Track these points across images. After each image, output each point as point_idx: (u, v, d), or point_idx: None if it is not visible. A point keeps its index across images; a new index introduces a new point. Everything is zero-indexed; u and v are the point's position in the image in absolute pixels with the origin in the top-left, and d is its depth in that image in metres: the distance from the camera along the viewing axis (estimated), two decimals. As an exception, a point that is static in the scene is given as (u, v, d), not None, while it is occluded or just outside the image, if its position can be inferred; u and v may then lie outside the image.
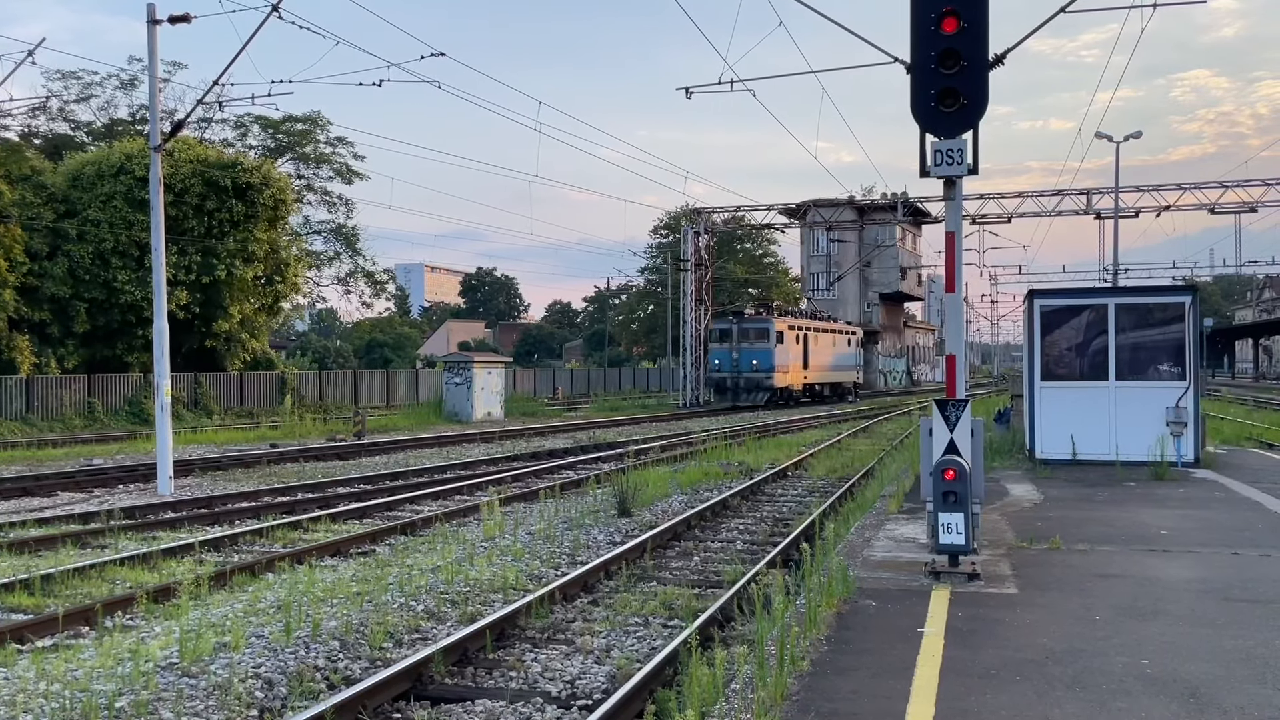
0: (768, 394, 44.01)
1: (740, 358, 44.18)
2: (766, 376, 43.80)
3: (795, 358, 46.19)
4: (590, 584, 9.68)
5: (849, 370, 54.81)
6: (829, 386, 51.70)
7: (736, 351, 44.25)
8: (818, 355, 49.32)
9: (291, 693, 6.57)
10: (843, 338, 54.05)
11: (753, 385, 44.15)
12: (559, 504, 14.84)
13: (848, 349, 54.69)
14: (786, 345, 45.12)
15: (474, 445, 26.08)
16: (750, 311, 46.77)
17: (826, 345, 50.79)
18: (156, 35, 17.19)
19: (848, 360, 54.65)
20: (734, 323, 45.17)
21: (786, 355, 45.26)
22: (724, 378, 44.72)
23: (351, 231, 57.98)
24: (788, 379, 45.52)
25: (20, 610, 8.85)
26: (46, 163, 36.90)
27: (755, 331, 44.45)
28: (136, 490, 17.17)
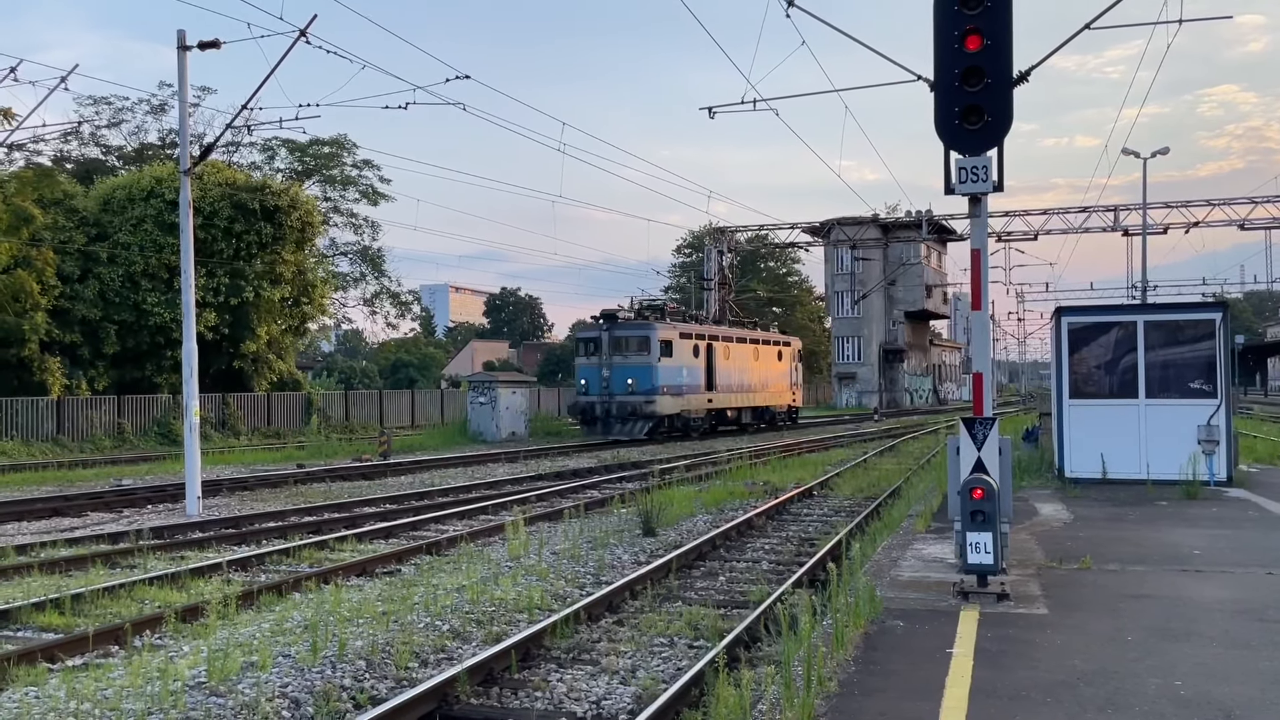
0: (648, 423, 33.72)
1: (611, 376, 33.95)
2: (646, 400, 33.43)
3: (693, 376, 36.25)
4: (615, 604, 9.65)
5: (779, 391, 44.13)
6: (749, 412, 41.47)
7: (607, 368, 33.99)
8: (731, 372, 39.35)
9: (318, 712, 6.58)
10: (769, 350, 43.62)
11: (627, 412, 33.63)
12: (584, 523, 14.82)
13: (776, 364, 44.08)
14: (678, 359, 35.17)
15: (499, 465, 26.14)
16: (625, 315, 36.10)
17: (744, 360, 40.66)
18: (186, 61, 17.46)
19: (777, 379, 44.03)
20: (603, 330, 34.68)
21: (678, 373, 35.26)
22: (591, 403, 34.23)
23: (377, 253, 58.49)
24: (682, 403, 35.46)
25: (51, 629, 8.93)
26: (78, 187, 37.51)
27: (631, 341, 34.32)
28: (165, 510, 17.31)
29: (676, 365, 35.00)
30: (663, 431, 34.89)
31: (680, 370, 35.35)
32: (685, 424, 36.19)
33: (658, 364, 33.81)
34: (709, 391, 37.48)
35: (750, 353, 41.37)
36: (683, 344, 35.61)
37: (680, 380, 35.32)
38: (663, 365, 34.07)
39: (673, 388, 34.76)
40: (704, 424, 37.61)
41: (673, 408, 34.77)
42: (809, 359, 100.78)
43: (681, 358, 35.38)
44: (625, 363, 33.97)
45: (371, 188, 55.72)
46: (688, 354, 35.91)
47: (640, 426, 33.76)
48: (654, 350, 34.00)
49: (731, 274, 51.75)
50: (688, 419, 36.16)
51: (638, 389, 33.63)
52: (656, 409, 33.64)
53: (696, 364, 36.49)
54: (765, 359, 42.81)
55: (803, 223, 52.08)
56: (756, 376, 41.61)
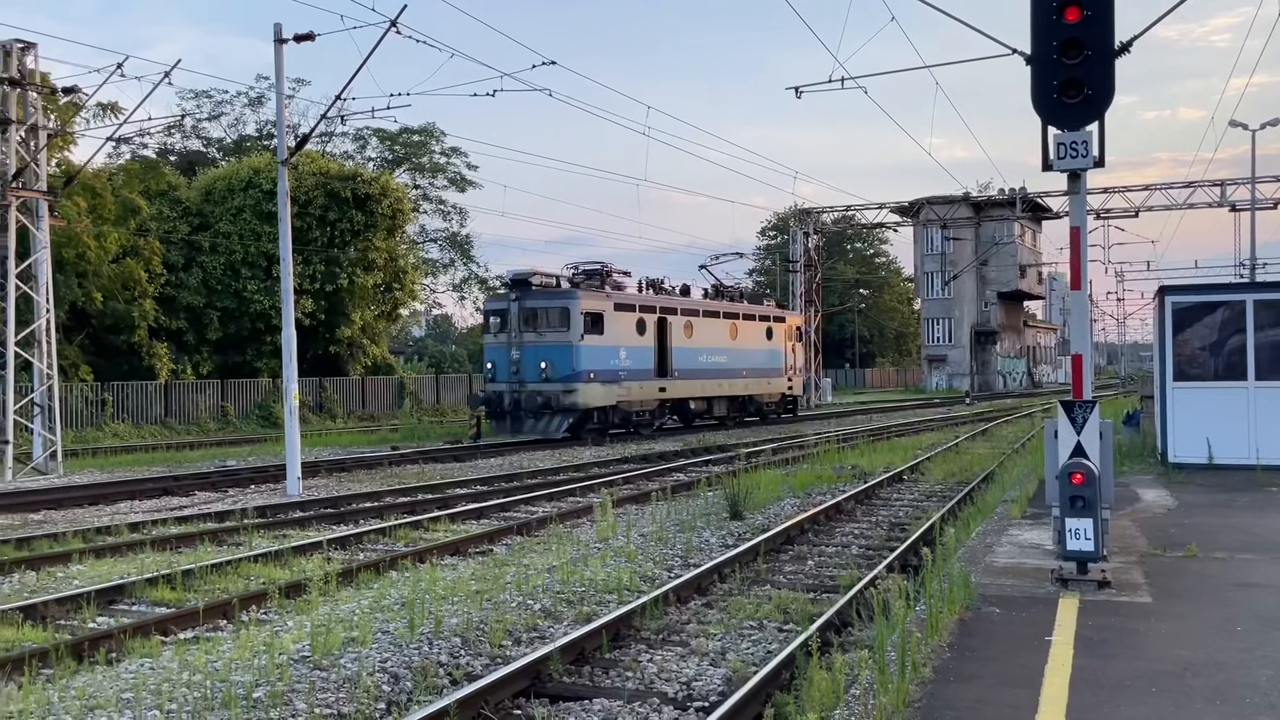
0: (567, 419, 26.45)
1: (522, 358, 26.69)
2: (565, 390, 26.07)
3: (637, 358, 28.81)
4: (704, 586, 9.68)
5: (769, 376, 35.93)
6: (724, 403, 33.69)
7: (516, 348, 26.77)
8: (697, 354, 31.62)
9: (416, 687, 6.76)
10: (753, 326, 35.24)
11: (538, 405, 26.15)
12: (670, 506, 14.88)
13: (765, 343, 35.77)
14: (612, 336, 27.73)
15: (585, 447, 26.37)
16: (544, 280, 27.80)
17: (716, 338, 32.84)
18: (283, 53, 17.94)
19: (765, 361, 35.82)
20: (511, 300, 27.19)
21: (612, 354, 27.75)
22: (499, 392, 26.87)
23: (465, 239, 59.44)
24: (619, 393, 27.86)
25: (163, 604, 9.34)
26: (181, 179, 38.92)
27: (546, 314, 26.94)
28: (267, 490, 17.93)
29: (609, 345, 27.57)
30: (592, 428, 27.56)
31: (615, 351, 27.81)
32: (625, 419, 28.72)
33: (580, 342, 26.44)
34: (662, 378, 29.95)
35: (724, 329, 33.30)
36: (619, 317, 28.14)
37: (615, 363, 27.81)
38: (588, 344, 26.71)
39: (604, 373, 27.27)
40: (654, 419, 30.24)
41: (603, 398, 27.33)
42: (897, 341, 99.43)
43: (617, 335, 27.88)
44: (539, 341, 26.65)
45: (459, 175, 56.67)
46: (627, 330, 28.39)
47: (557, 423, 26.49)
48: (575, 325, 26.52)
49: (818, 256, 51.12)
50: (628, 412, 28.63)
51: (553, 375, 26.27)
52: (578, 400, 26.24)
53: (642, 343, 29.08)
54: (748, 337, 34.73)
55: (891, 202, 51.14)
56: (735, 359, 33.67)
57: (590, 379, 26.72)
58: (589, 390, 26.72)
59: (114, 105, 28.97)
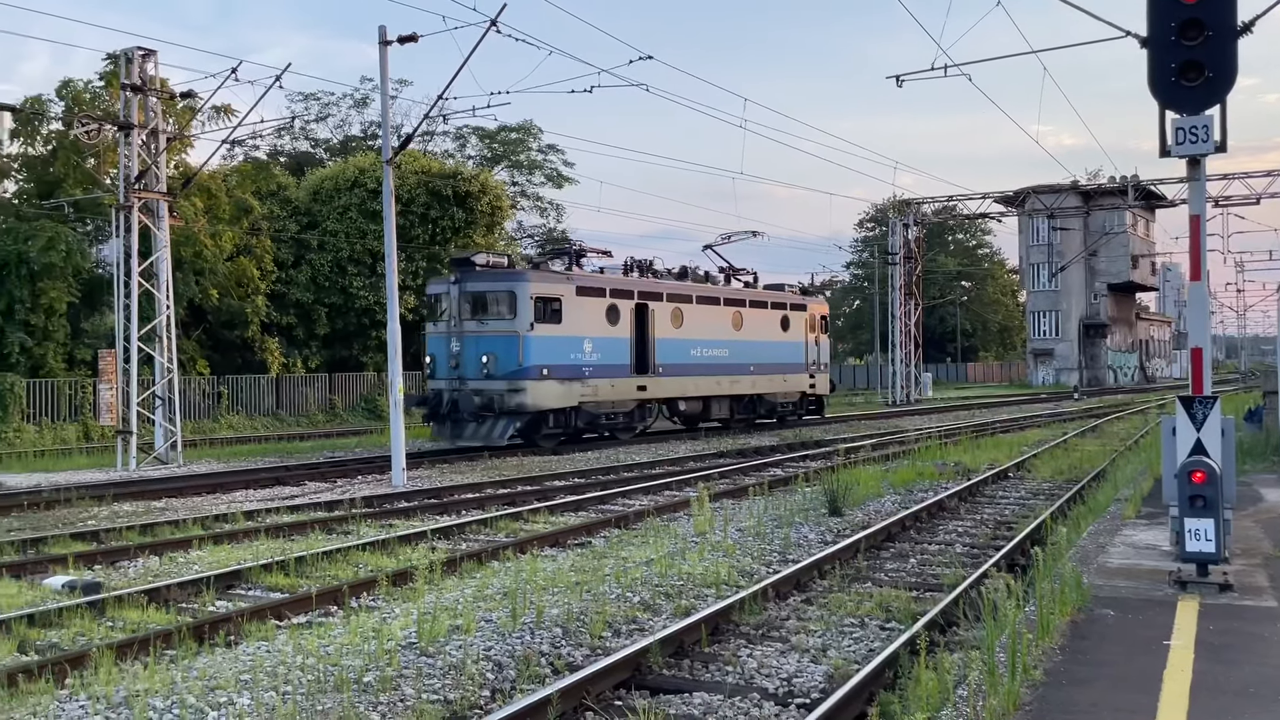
0: (513, 423, 22.63)
1: (462, 351, 23.07)
2: (510, 389, 22.39)
3: (608, 351, 24.75)
4: (803, 582, 9.60)
5: (786, 373, 31.24)
6: (726, 404, 29.19)
7: (457, 339, 23.15)
8: (689, 347, 27.43)
9: (519, 676, 6.87)
10: (764, 315, 30.58)
11: (477, 406, 22.32)
12: (768, 501, 14.79)
13: (780, 334, 31.20)
14: (573, 325, 23.79)
15: (680, 442, 26.40)
16: (489, 260, 24.35)
17: (715, 328, 28.40)
18: (387, 55, 18.40)
19: (781, 356, 31.12)
20: (453, 283, 23.47)
21: (573, 346, 23.75)
22: (438, 391, 23.39)
23: (562, 235, 60.02)
24: (583, 392, 24.01)
25: (277, 589, 9.70)
26: (291, 179, 40.28)
27: (489, 300, 23.06)
28: (373, 480, 18.45)
29: (569, 335, 23.62)
30: (550, 433, 23.70)
31: (577, 343, 23.84)
32: (592, 422, 24.76)
33: (529, 333, 22.63)
34: (641, 375, 25.81)
35: (725, 318, 28.88)
36: (583, 304, 24.16)
37: (577, 357, 23.88)
38: (540, 335, 22.88)
39: (562, 369, 23.46)
40: (631, 421, 26.04)
41: (561, 398, 23.44)
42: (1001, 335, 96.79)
43: (580, 323, 23.95)
44: (481, 332, 22.80)
45: (556, 171, 57.27)
46: (594, 318, 24.42)
47: (501, 427, 22.49)
48: (523, 312, 22.69)
49: (918, 248, 50.09)
50: (595, 415, 24.60)
51: (496, 371, 22.46)
52: (526, 401, 22.48)
53: (614, 333, 25.01)
54: (757, 327, 30.11)
55: (995, 192, 49.71)
56: (740, 353, 29.24)
57: (543, 375, 22.90)
58: (541, 389, 22.85)
59: (228, 108, 30.11)
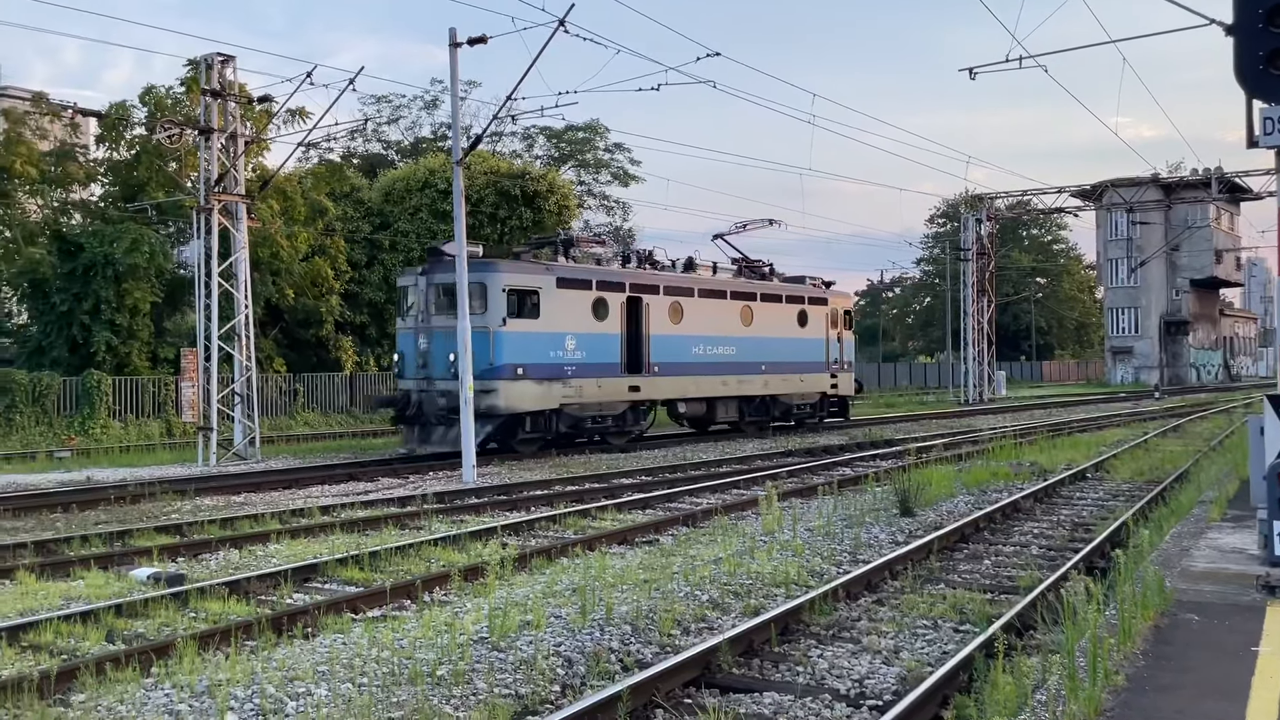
0: (484, 426, 20.31)
1: (430, 348, 21.44)
2: (480, 389, 19.83)
3: (593, 348, 22.68)
4: (874, 583, 9.49)
5: (803, 372, 28.93)
6: (736, 405, 27.03)
7: (425, 336, 21.56)
8: (688, 343, 25.30)
9: (589, 672, 6.91)
10: (778, 309, 28.33)
11: (442, 408, 20.59)
12: (837, 501, 14.66)
13: (796, 330, 28.85)
14: (552, 320, 21.92)
15: (748, 440, 26.28)
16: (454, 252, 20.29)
17: (722, 323, 26.31)
18: (457, 57, 18.61)
19: (798, 354, 28.83)
20: (420, 274, 21.97)
21: (553, 343, 21.93)
22: (406, 392, 21.70)
23: (628, 233, 60.17)
24: (565, 393, 22.12)
25: (352, 583, 9.88)
26: (363, 180, 41.03)
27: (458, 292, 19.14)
28: (444, 477, 18.70)
29: (548, 331, 21.78)
30: (527, 438, 21.81)
31: (557, 340, 21.94)
32: (577, 425, 22.72)
33: (501, 328, 20.87)
34: (634, 374, 23.81)
35: (732, 313, 26.76)
36: (564, 296, 22.20)
37: (557, 355, 21.97)
38: (514, 330, 21.08)
39: (540, 368, 21.61)
40: (623, 425, 24.05)
41: (539, 400, 21.60)
42: (1077, 332, 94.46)
43: (560, 318, 22.06)
44: (449, 327, 20.27)
45: (623, 170, 57.39)
46: (578, 312, 22.28)
47: None
48: (494, 305, 20.93)
49: (991, 243, 49.15)
50: (579, 418, 22.55)
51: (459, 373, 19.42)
52: (498, 403, 20.73)
53: (601, 329, 22.93)
54: (770, 322, 27.80)
55: (1071, 186, 48.52)
56: (750, 350, 27.03)
57: (517, 375, 21.11)
58: (515, 390, 21.05)
59: (302, 111, 30.79)
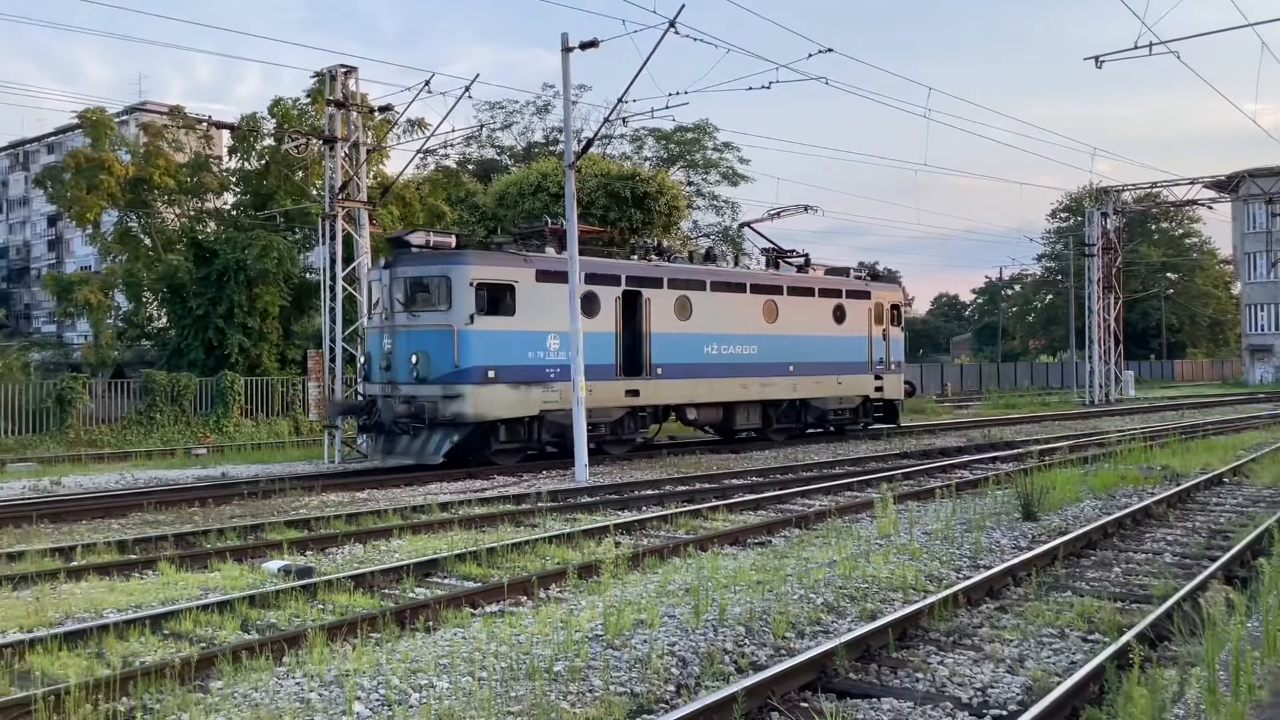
0: (449, 438, 18.96)
1: (394, 349, 19.63)
2: (445, 394, 18.84)
3: (586, 348, 19.14)
4: (996, 589, 9.21)
5: (838, 373, 26.32)
6: (760, 409, 24.70)
7: (389, 335, 19.75)
8: (699, 341, 23.01)
9: (703, 672, 6.90)
10: (811, 304, 25.88)
11: (403, 415, 18.92)
12: (955, 504, 14.28)
13: (834, 328, 26.33)
14: (528, 318, 19.90)
15: (861, 442, 25.86)
16: (433, 241, 20.27)
17: (738, 319, 23.95)
18: (569, 61, 18.84)
19: (831, 352, 26.20)
20: (384, 268, 20.20)
21: (533, 342, 19.97)
22: (372, 397, 20.03)
23: (738, 233, 59.93)
24: (545, 398, 20.02)
25: (470, 578, 10.10)
26: (478, 185, 41.94)
27: (422, 288, 19.57)
28: (558, 476, 18.96)
29: (525, 330, 19.81)
30: (503, 448, 19.90)
31: (537, 339, 19.96)
32: (562, 434, 19.98)
33: (468, 326, 19.00)
34: (631, 377, 21.66)
35: (753, 308, 24.27)
36: (545, 291, 19.94)
37: (537, 356, 19.97)
38: (483, 329, 19.19)
39: (516, 371, 19.60)
40: (620, 433, 21.78)
41: (514, 407, 19.64)
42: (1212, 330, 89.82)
43: (540, 315, 19.96)
44: (412, 325, 19.36)
45: (732, 169, 57.17)
46: (563, 309, 19.18)
47: (435, 442, 18.85)
48: (460, 301, 19.12)
49: (1117, 238, 47.16)
50: (565, 426, 19.58)
51: (427, 373, 18.93)
52: (465, 410, 18.88)
53: (592, 326, 20.40)
54: (801, 318, 25.32)
55: (1205, 177, 46.13)
56: (775, 349, 24.58)
57: (488, 378, 19.12)
58: (485, 395, 19.09)
59: (420, 121, 31.70)
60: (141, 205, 37.76)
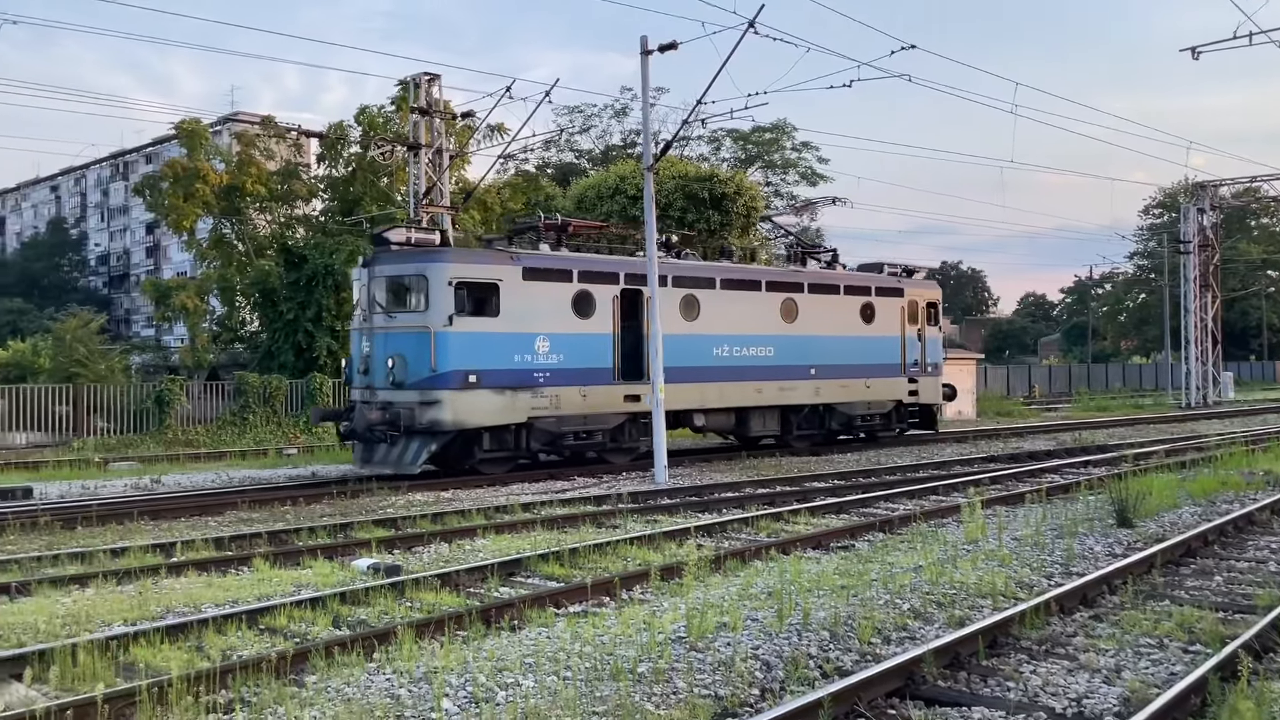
0: (425, 446, 17.99)
1: (371, 353, 18.74)
2: (422, 400, 17.90)
3: (576, 351, 19.54)
4: (1090, 597, 8.95)
5: (867, 376, 24.86)
6: (778, 415, 23.34)
7: (368, 337, 18.86)
8: (708, 343, 21.76)
9: (788, 676, 6.85)
10: (837, 303, 24.48)
11: (377, 422, 17.93)
12: (1046, 509, 13.92)
13: (861, 328, 24.90)
14: (519, 318, 18.93)
15: (946, 445, 25.39)
16: (415, 238, 19.04)
17: (752, 318, 22.71)
18: (648, 65, 18.90)
19: (860, 354, 24.75)
20: (363, 267, 19.23)
21: (520, 345, 18.91)
22: (353, 403, 19.47)
23: (815, 234, 59.34)
24: (534, 404, 19.00)
25: (553, 578, 10.20)
26: (557, 189, 42.29)
27: (400, 287, 18.71)
28: (637, 477, 19.01)
29: (511, 331, 18.76)
30: (487, 457, 18.83)
31: (524, 341, 18.91)
32: (554, 442, 19.62)
33: (447, 328, 18.00)
34: (631, 382, 20.42)
35: (771, 307, 22.92)
36: (531, 290, 19.09)
37: (524, 360, 18.92)
38: (463, 331, 18.16)
39: (500, 375, 18.57)
40: (619, 440, 20.62)
41: (499, 414, 18.60)
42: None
43: (527, 316, 19.00)
44: (390, 328, 18.48)
45: (810, 169, 56.65)
46: (553, 309, 19.26)
47: (414, 451, 17.97)
48: (437, 302, 18.14)
49: (1214, 235, 45.46)
50: (558, 434, 19.45)
51: (404, 378, 18.06)
52: (443, 417, 17.90)
53: (586, 328, 19.76)
54: (823, 318, 23.97)
55: (1309, 169, 44.31)
56: (794, 350, 23.24)
57: (469, 383, 18.12)
58: (465, 401, 18.06)
59: (500, 126, 32.12)
60: (234, 212, 38.99)
